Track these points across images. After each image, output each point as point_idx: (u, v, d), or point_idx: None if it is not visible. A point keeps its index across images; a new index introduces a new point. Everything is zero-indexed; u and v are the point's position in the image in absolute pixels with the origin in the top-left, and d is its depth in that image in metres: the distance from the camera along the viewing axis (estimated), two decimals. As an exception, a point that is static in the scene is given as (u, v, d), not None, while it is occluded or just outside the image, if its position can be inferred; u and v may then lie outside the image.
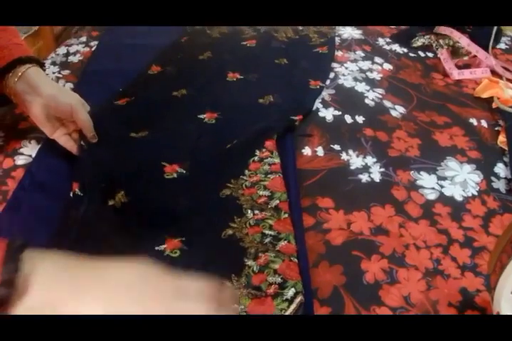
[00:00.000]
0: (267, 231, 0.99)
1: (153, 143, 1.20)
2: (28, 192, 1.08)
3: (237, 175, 1.12)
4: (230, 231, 1.00)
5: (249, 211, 1.04)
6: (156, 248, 0.96)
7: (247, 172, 1.13)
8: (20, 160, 1.15)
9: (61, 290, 0.60)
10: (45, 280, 0.60)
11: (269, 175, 1.11)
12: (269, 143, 1.19)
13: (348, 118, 1.33)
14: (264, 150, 1.17)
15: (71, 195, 1.05)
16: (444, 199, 1.14)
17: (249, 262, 0.94)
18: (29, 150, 1.18)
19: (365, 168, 1.19)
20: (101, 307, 0.60)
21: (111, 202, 1.05)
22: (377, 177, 1.17)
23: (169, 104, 1.33)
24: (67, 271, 0.63)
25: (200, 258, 0.95)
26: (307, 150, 1.22)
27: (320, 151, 1.22)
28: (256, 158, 1.16)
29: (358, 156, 1.22)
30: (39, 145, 1.19)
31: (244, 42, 1.65)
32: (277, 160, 1.15)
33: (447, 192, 1.16)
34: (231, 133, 1.23)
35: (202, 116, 1.29)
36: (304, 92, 1.42)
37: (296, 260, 0.94)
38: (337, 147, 1.23)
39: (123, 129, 1.23)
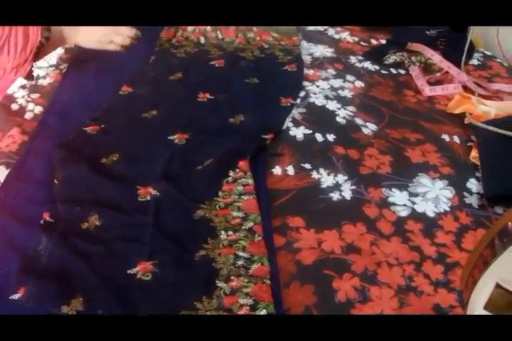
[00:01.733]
0: (240, 253, 0.99)
1: (125, 167, 1.20)
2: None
3: (211, 196, 1.12)
4: (202, 252, 1.00)
5: (222, 232, 1.04)
6: (128, 271, 0.96)
7: (220, 193, 1.13)
8: (-11, 186, 1.13)
9: None
10: None
11: (242, 196, 1.11)
12: (243, 164, 1.19)
13: (319, 137, 1.32)
14: (237, 170, 1.17)
15: (42, 222, 1.05)
16: (416, 215, 1.14)
17: (221, 284, 0.94)
18: (-3, 176, 1.17)
19: (337, 186, 1.18)
20: None
21: (84, 226, 1.04)
22: (348, 195, 1.17)
23: (139, 127, 1.32)
24: None
25: (172, 281, 0.95)
26: (277, 170, 1.21)
27: (290, 170, 1.21)
28: (230, 179, 1.15)
29: (329, 174, 1.21)
30: (8, 170, 1.17)
31: (213, 62, 1.65)
32: (251, 181, 1.15)
33: (419, 208, 1.16)
34: (202, 154, 1.22)
35: (172, 138, 1.28)
36: (275, 110, 1.42)
37: (269, 282, 0.94)
38: (308, 166, 1.23)
39: (93, 157, 1.22)
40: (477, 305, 0.79)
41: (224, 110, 1.40)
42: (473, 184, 1.24)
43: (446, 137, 1.39)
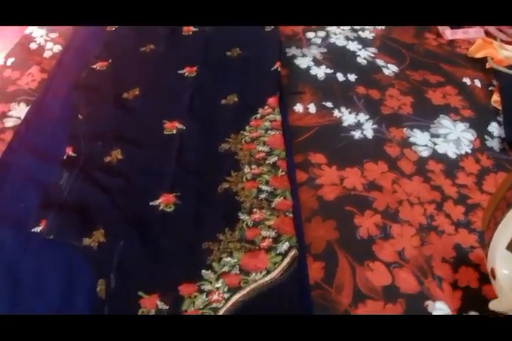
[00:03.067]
0: (263, 187, 0.98)
1: (148, 101, 1.19)
2: (17, 154, 1.07)
3: (238, 130, 1.12)
4: (225, 185, 1.00)
5: (246, 166, 1.03)
6: (151, 203, 0.96)
7: (247, 127, 1.12)
8: (9, 123, 1.14)
9: None
10: None
11: (269, 131, 1.10)
12: (272, 100, 1.18)
13: (340, 77, 1.31)
14: (266, 107, 1.16)
15: (64, 157, 1.05)
16: (437, 156, 1.13)
17: (244, 216, 0.94)
18: (18, 113, 1.17)
19: (358, 125, 1.17)
20: None
21: (107, 159, 1.05)
22: (369, 134, 1.16)
23: (143, 60, 1.31)
24: None
25: (194, 212, 0.95)
26: (299, 107, 1.20)
27: (312, 108, 1.20)
28: (258, 116, 1.15)
29: (350, 113, 1.20)
30: (28, 108, 1.17)
31: None
32: (278, 117, 1.14)
33: (440, 149, 1.15)
34: (222, 88, 1.22)
35: (181, 72, 1.27)
36: (267, 45, 1.39)
37: (291, 215, 0.94)
38: (329, 104, 1.22)
39: (114, 90, 1.21)
40: (499, 246, 0.79)
41: (216, 44, 1.38)
42: (494, 128, 1.23)
43: (467, 80, 1.37)
